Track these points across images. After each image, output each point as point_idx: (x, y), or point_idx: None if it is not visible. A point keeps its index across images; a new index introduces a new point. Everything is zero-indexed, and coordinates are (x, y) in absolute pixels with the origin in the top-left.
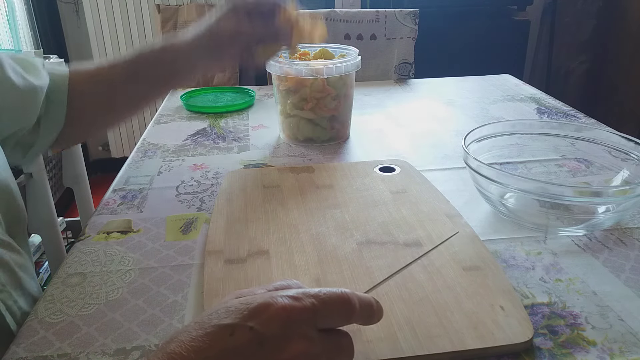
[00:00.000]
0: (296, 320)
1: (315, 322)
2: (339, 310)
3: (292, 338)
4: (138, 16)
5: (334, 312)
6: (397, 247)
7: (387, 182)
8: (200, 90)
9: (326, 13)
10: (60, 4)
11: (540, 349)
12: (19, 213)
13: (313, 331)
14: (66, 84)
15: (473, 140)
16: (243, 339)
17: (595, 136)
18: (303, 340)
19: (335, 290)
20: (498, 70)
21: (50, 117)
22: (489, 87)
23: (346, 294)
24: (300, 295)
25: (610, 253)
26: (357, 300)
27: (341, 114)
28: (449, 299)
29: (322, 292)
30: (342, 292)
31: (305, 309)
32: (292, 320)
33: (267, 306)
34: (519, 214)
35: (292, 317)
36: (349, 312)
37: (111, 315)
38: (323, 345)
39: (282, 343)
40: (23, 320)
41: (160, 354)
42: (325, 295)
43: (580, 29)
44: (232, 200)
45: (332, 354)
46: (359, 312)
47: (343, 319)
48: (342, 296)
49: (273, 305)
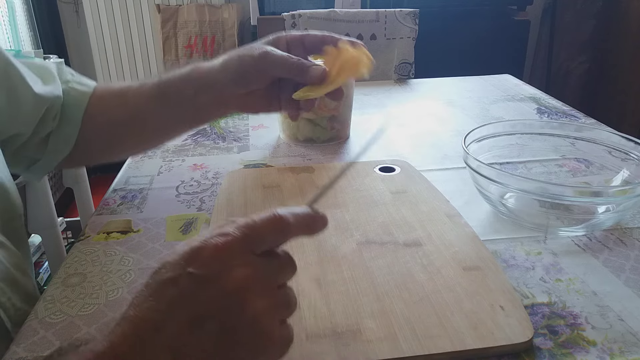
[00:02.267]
0: (230, 252)
1: (251, 248)
2: (271, 230)
3: (232, 268)
4: (138, 16)
5: (266, 233)
6: (397, 247)
7: (387, 182)
8: None
9: (326, 13)
10: (60, 4)
11: (540, 349)
12: (15, 211)
13: (251, 256)
14: (85, 102)
15: (473, 140)
16: (187, 286)
17: (595, 136)
18: (243, 267)
19: (266, 213)
20: (498, 70)
21: (62, 134)
22: (489, 87)
23: (276, 212)
24: (229, 229)
25: (610, 253)
26: (289, 215)
27: (341, 114)
28: (449, 299)
29: (252, 218)
30: (272, 213)
31: (236, 239)
32: (226, 253)
33: (200, 249)
34: (519, 214)
35: (225, 250)
36: (282, 229)
37: (111, 315)
38: (265, 267)
39: (224, 276)
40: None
41: (122, 322)
42: (253, 221)
43: (580, 29)
44: (232, 200)
45: (276, 272)
46: (294, 225)
47: (278, 236)
48: (271, 217)
49: (205, 246)
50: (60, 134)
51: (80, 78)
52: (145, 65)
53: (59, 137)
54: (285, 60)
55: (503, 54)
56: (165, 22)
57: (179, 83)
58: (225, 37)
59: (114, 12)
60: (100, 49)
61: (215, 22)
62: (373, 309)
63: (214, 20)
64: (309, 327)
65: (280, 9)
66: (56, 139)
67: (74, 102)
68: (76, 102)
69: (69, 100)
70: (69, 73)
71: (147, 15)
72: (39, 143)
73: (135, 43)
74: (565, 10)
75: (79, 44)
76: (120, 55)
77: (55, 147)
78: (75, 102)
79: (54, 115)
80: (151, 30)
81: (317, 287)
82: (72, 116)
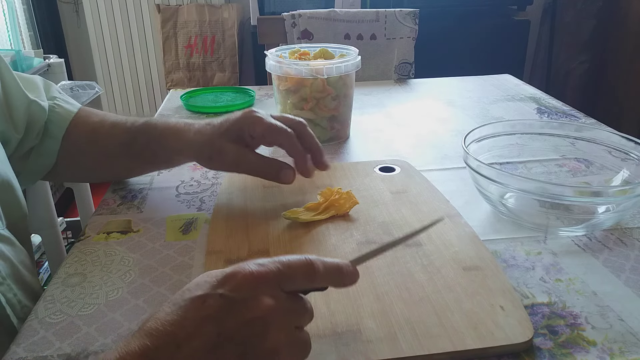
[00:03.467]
0: (263, 282)
1: (280, 284)
2: (302, 273)
3: (261, 297)
4: (138, 16)
5: (297, 274)
6: (397, 247)
7: (387, 182)
8: (200, 90)
9: (326, 13)
10: (60, 4)
11: (540, 349)
12: (20, 209)
13: (279, 292)
14: (68, 122)
15: (473, 140)
16: (215, 305)
17: (595, 136)
18: (270, 298)
19: (299, 256)
20: (498, 70)
21: (43, 150)
22: (489, 87)
23: (308, 258)
24: (266, 262)
25: (610, 253)
26: (320, 263)
27: (341, 114)
28: (449, 299)
29: (286, 257)
30: (305, 257)
31: (271, 272)
32: (259, 282)
33: (235, 274)
34: (519, 214)
35: (259, 279)
36: (311, 274)
37: (111, 315)
38: (289, 304)
39: (251, 303)
40: (23, 313)
41: (139, 333)
42: (288, 260)
43: (580, 29)
44: (232, 200)
45: (298, 313)
46: (322, 274)
47: (306, 280)
48: (304, 260)
49: (240, 272)
50: (42, 150)
51: (67, 97)
52: (145, 65)
53: (41, 152)
54: (259, 166)
55: (503, 54)
56: (165, 22)
57: (153, 143)
58: (225, 37)
59: (114, 12)
60: (100, 49)
61: (215, 22)
62: (373, 309)
63: (214, 20)
64: (309, 327)
65: (280, 9)
66: (38, 154)
67: (58, 119)
68: (60, 119)
69: (54, 116)
70: (56, 90)
71: (147, 15)
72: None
73: (135, 43)
74: (565, 10)
75: (79, 44)
76: (120, 55)
77: (36, 161)
78: (59, 119)
79: (37, 131)
80: (151, 30)
81: None
82: (54, 133)
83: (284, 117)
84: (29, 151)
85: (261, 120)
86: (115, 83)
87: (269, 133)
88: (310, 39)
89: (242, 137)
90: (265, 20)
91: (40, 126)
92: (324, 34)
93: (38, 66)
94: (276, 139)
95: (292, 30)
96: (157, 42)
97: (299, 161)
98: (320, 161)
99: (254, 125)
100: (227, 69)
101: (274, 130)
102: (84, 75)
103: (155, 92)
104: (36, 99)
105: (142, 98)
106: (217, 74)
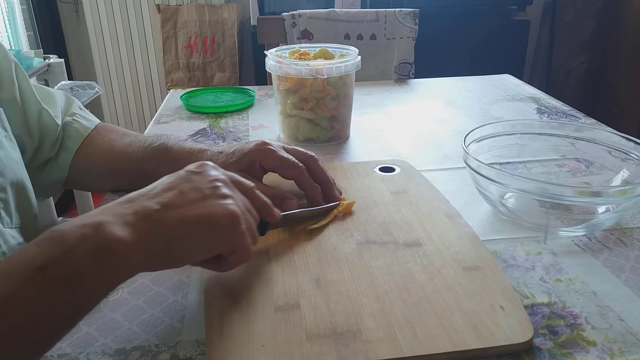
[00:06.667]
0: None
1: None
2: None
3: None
4: (138, 16)
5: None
6: (397, 247)
7: (387, 182)
8: (200, 90)
9: (326, 13)
10: (60, 4)
11: (540, 349)
12: (32, 209)
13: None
14: (84, 137)
15: (473, 140)
16: (179, 174)
17: (595, 136)
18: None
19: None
20: (498, 70)
21: (58, 163)
22: (489, 87)
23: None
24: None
25: (610, 253)
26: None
27: (341, 114)
28: (449, 299)
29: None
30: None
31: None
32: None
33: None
34: (519, 214)
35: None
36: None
37: (111, 315)
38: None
39: (216, 173)
40: None
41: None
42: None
43: (580, 29)
44: None
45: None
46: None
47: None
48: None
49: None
50: (56, 162)
51: (88, 113)
52: (145, 65)
53: (55, 165)
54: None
55: (503, 54)
56: (165, 22)
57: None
58: (225, 37)
59: (114, 12)
60: (100, 49)
61: (215, 22)
62: (373, 309)
63: (214, 20)
64: (309, 327)
65: (280, 9)
66: (52, 166)
67: (75, 134)
68: (77, 134)
69: (70, 131)
70: (77, 107)
71: (147, 15)
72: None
73: (135, 43)
74: (565, 10)
75: (79, 44)
76: (120, 55)
77: (50, 173)
78: (75, 134)
79: (52, 143)
80: (151, 30)
81: (317, 287)
82: (69, 146)
83: (295, 150)
84: (45, 163)
85: (274, 154)
86: (115, 83)
87: (281, 167)
88: (310, 39)
89: (253, 168)
90: (265, 20)
91: (53, 137)
92: (324, 34)
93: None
94: (288, 174)
95: (292, 30)
96: (157, 42)
97: (309, 195)
98: (331, 195)
99: (267, 159)
100: (227, 69)
101: (286, 165)
102: (84, 75)
103: (155, 92)
104: (47, 108)
105: (142, 98)
106: (217, 74)
